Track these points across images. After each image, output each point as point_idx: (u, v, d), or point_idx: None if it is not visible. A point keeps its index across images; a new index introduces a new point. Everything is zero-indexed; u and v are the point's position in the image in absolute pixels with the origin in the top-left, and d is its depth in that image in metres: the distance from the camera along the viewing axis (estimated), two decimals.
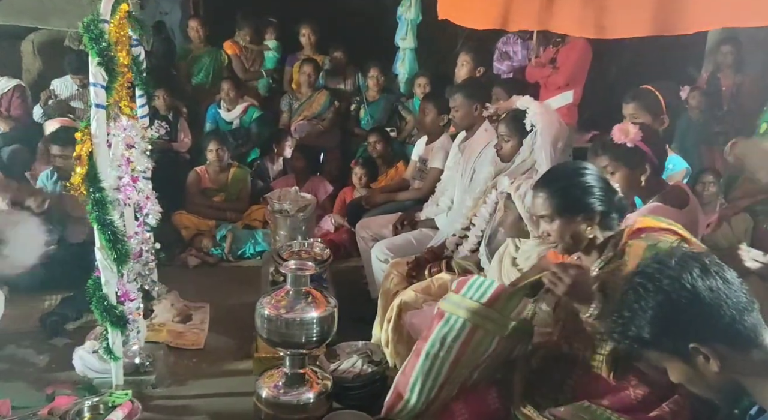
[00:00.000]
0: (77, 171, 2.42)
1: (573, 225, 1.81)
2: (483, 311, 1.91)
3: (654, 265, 1.27)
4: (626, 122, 2.26)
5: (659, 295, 1.22)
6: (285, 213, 3.52)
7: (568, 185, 1.82)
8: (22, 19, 4.86)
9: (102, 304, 2.48)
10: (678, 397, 1.64)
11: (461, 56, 3.94)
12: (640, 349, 1.28)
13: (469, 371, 1.97)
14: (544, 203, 1.84)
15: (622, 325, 1.26)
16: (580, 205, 1.80)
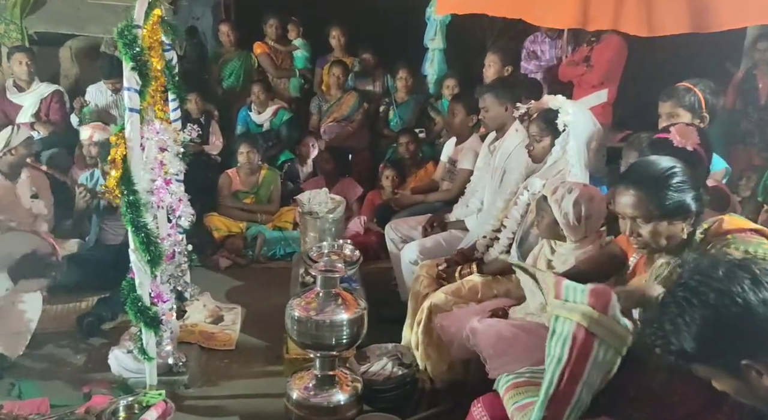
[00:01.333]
0: (112, 174, 2.47)
1: (670, 227, 1.73)
2: (605, 321, 1.64)
3: (697, 277, 1.18)
4: (681, 125, 2.18)
5: (706, 310, 1.14)
6: (315, 215, 3.53)
7: (665, 185, 1.71)
8: (60, 27, 4.99)
9: (136, 305, 2.52)
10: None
11: (489, 56, 3.90)
12: (685, 364, 1.21)
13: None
14: (638, 204, 1.73)
15: (662, 337, 1.20)
16: (681, 207, 1.71)
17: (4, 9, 4.80)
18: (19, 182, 3.83)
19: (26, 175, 3.86)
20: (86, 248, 3.85)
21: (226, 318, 3.46)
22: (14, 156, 3.73)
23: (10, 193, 3.79)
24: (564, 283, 1.74)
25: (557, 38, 4.63)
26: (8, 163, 3.74)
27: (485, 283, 2.74)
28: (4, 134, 3.69)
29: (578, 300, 1.68)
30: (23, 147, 3.74)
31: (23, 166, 3.82)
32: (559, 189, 2.32)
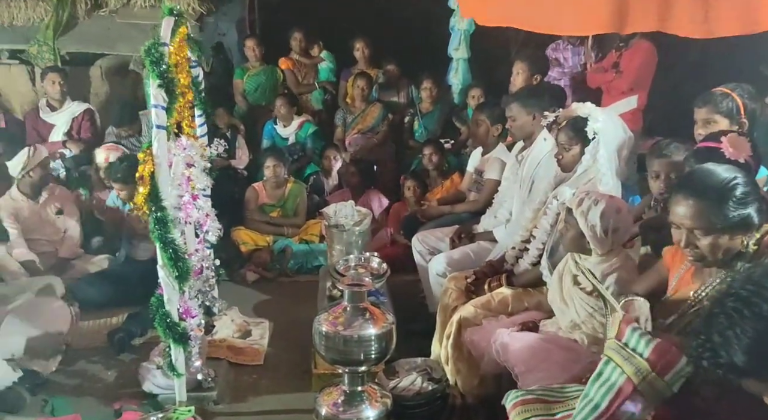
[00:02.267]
0: (140, 191, 2.49)
1: (732, 241, 1.65)
2: (659, 385, 1.54)
3: (749, 287, 1.13)
4: (733, 136, 2.10)
5: (758, 322, 1.09)
6: (341, 227, 3.51)
7: (728, 197, 1.64)
8: (90, 47, 5.11)
9: (165, 322, 2.52)
10: None
11: (516, 64, 3.85)
12: (735, 379, 1.15)
13: None
14: (698, 216, 1.65)
15: (711, 350, 1.14)
16: (745, 220, 1.64)
17: (38, 31, 4.93)
18: (41, 201, 3.91)
19: (47, 193, 3.93)
20: (116, 264, 3.90)
21: (254, 332, 3.45)
22: (33, 177, 3.82)
23: (36, 213, 3.88)
24: (631, 326, 1.63)
25: (580, 45, 4.59)
26: (28, 184, 3.83)
27: (515, 296, 2.68)
28: (21, 157, 3.78)
29: (639, 350, 1.57)
30: (41, 168, 3.83)
31: (44, 185, 3.90)
32: (585, 201, 2.26)
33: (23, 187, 3.86)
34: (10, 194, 3.87)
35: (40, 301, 3.06)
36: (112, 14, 5.08)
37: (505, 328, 2.42)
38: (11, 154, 3.88)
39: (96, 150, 4.46)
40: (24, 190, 3.86)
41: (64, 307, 3.11)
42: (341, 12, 6.05)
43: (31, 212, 3.86)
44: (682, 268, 1.88)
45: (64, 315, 3.08)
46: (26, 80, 5.13)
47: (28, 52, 4.97)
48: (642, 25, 2.78)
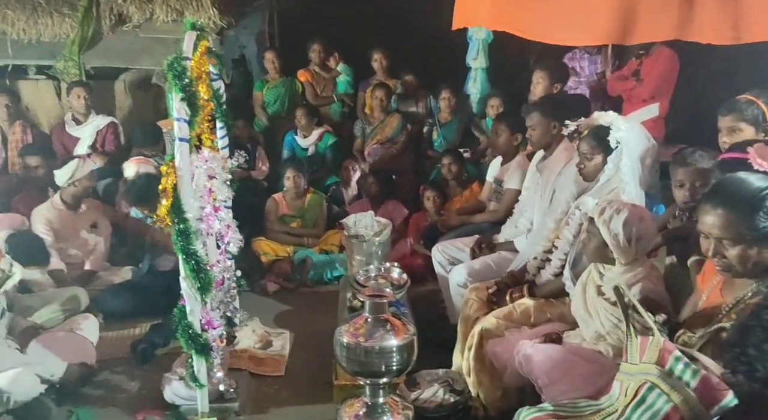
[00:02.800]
0: (163, 203, 2.51)
1: (763, 252, 1.62)
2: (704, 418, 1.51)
3: None
4: (761, 146, 2.06)
5: None
6: (361, 238, 3.51)
7: (759, 207, 1.61)
8: (114, 61, 5.20)
9: (187, 333, 2.54)
10: None
11: (536, 73, 3.84)
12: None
13: None
14: (727, 226, 1.64)
15: (746, 363, 1.11)
16: None
17: (64, 47, 5.03)
18: (79, 212, 3.98)
19: (85, 206, 4.00)
20: (139, 275, 3.94)
21: (275, 343, 3.46)
22: (77, 187, 3.89)
23: (71, 223, 3.94)
24: (674, 353, 1.60)
25: (596, 54, 4.58)
26: (71, 194, 3.90)
27: (538, 307, 2.66)
28: (70, 166, 3.87)
29: (686, 379, 1.54)
30: (87, 179, 3.91)
31: (85, 197, 3.98)
32: (607, 210, 2.23)
33: (66, 196, 3.94)
34: (52, 201, 3.96)
35: (66, 335, 3.10)
36: (135, 29, 5.17)
37: (528, 339, 2.39)
38: (47, 167, 3.99)
39: (125, 163, 4.53)
40: (66, 199, 3.94)
41: (87, 341, 3.15)
42: (359, 23, 6.10)
43: (67, 222, 3.94)
44: (713, 280, 1.85)
45: (88, 350, 3.11)
46: (53, 95, 5.24)
47: (55, 67, 5.08)
48: (652, 35, 2.73)
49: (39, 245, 2.99)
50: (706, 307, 1.83)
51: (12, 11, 4.99)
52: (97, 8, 5.09)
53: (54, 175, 3.96)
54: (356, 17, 6.20)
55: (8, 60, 5.07)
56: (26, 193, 4.31)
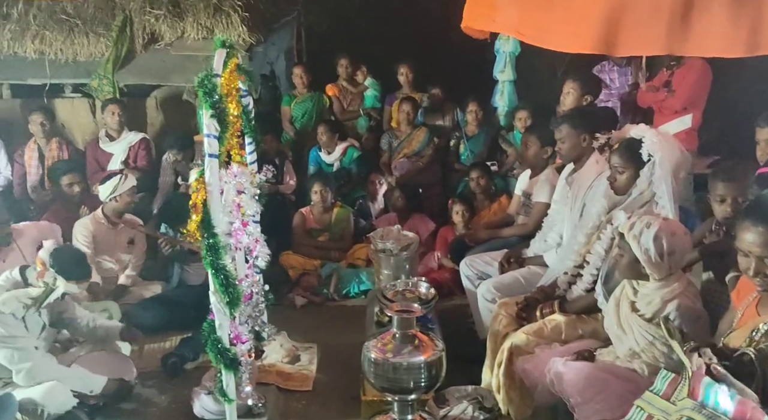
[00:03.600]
0: (193, 218, 2.54)
1: None
2: None
3: None
4: None
5: None
6: (388, 252, 3.50)
7: None
8: (146, 78, 5.31)
9: (216, 347, 2.54)
10: None
11: (566, 84, 3.80)
12: None
13: None
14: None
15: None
16: None
17: (98, 65, 5.17)
18: (118, 228, 4.06)
19: (124, 222, 4.08)
20: (169, 289, 3.99)
21: (303, 358, 3.46)
22: (118, 203, 3.98)
23: (111, 238, 4.02)
24: (704, 382, 1.56)
25: (627, 65, 4.53)
26: (113, 209, 3.99)
27: (569, 323, 2.61)
28: (113, 182, 3.97)
29: (722, 409, 1.50)
30: (128, 195, 3.99)
31: (126, 213, 4.06)
32: (637, 224, 2.19)
33: (107, 210, 4.03)
34: (94, 215, 4.04)
35: (107, 355, 3.16)
36: (167, 47, 5.28)
37: (559, 356, 2.35)
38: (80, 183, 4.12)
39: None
40: (107, 214, 4.03)
41: (128, 359, 3.22)
42: (385, 38, 6.15)
43: (108, 236, 4.02)
44: (749, 297, 1.79)
45: (128, 367, 3.16)
46: (87, 112, 5.36)
47: (90, 85, 5.21)
48: (640, 49, 2.71)
49: (82, 260, 3.06)
50: (741, 327, 1.77)
51: (50, 32, 5.15)
52: (130, 28, 5.22)
53: (87, 191, 4.04)
54: (382, 32, 6.26)
55: (46, 79, 5.22)
56: (57, 208, 4.41)
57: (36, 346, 2.83)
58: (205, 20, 5.18)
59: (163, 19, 5.21)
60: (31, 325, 2.87)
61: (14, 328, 2.77)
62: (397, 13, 6.00)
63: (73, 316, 3.10)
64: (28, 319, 2.85)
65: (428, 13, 5.97)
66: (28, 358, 2.73)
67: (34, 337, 2.89)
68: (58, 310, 3.04)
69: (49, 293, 2.91)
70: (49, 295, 2.92)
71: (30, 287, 2.89)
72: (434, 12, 5.71)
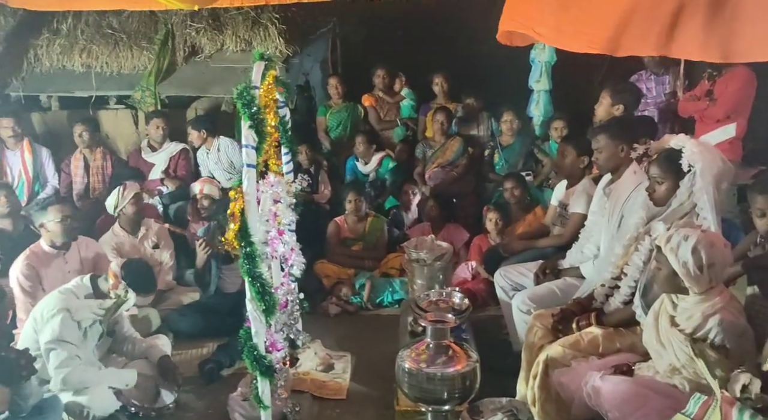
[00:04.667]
0: (231, 227, 2.59)
1: None
2: None
3: None
4: None
5: None
6: (422, 262, 3.50)
7: None
8: (187, 90, 5.45)
9: (252, 354, 2.58)
10: None
11: (604, 93, 3.75)
12: None
13: None
14: None
15: None
16: None
17: (141, 78, 5.33)
18: (139, 236, 4.16)
19: (145, 228, 4.19)
20: (207, 296, 4.06)
21: (337, 366, 3.48)
22: (126, 214, 4.08)
23: (135, 247, 4.12)
24: (736, 407, 1.54)
25: (664, 74, 4.45)
26: (125, 221, 4.10)
27: (607, 336, 2.56)
28: (113, 196, 4.09)
29: None
30: (131, 205, 4.08)
31: (140, 221, 4.16)
32: (674, 237, 2.14)
33: (123, 223, 4.14)
34: (112, 230, 4.15)
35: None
36: (206, 59, 5.42)
37: (597, 370, 2.31)
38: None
39: (192, 183, 4.76)
40: (124, 226, 4.14)
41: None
42: (420, 48, 6.17)
43: (131, 247, 4.12)
44: None
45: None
46: (130, 123, 5.53)
47: (133, 97, 5.38)
48: (637, 49, 2.87)
49: (150, 273, 3.18)
50: None
51: (97, 46, 5.35)
52: (172, 41, 5.38)
53: None
54: (418, 42, 6.28)
55: (92, 91, 5.41)
56: (105, 218, 4.55)
57: (78, 355, 2.89)
58: (244, 33, 5.31)
59: (203, 32, 5.36)
60: (90, 333, 2.96)
61: (71, 334, 2.86)
62: (432, 23, 6.02)
63: (122, 327, 3.19)
64: (89, 327, 2.94)
65: (464, 23, 5.96)
66: (69, 364, 2.81)
67: (92, 344, 2.98)
68: (115, 320, 3.13)
69: (120, 305, 3.01)
70: (120, 306, 3.01)
71: (101, 297, 2.98)
72: (470, 22, 5.71)
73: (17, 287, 3.41)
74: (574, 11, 3.02)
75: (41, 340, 2.84)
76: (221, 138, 5.14)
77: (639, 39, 2.79)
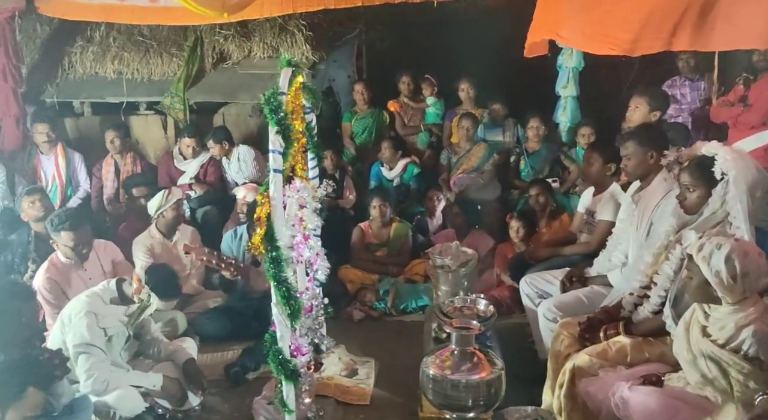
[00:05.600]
0: (257, 232, 2.61)
1: None
2: None
3: None
4: None
5: None
6: (447, 268, 3.49)
7: None
8: (215, 96, 5.55)
9: (277, 358, 2.59)
10: None
11: (634, 100, 3.71)
12: None
13: None
14: None
15: None
16: None
17: (171, 84, 5.43)
18: (174, 240, 4.22)
19: (180, 233, 4.25)
20: (232, 300, 4.10)
21: (361, 371, 3.48)
22: (166, 218, 4.14)
23: (169, 250, 4.18)
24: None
25: (699, 80, 4.37)
26: (163, 224, 4.16)
27: (635, 346, 2.52)
28: (157, 198, 4.14)
29: None
30: (172, 209, 4.15)
31: (177, 225, 4.22)
32: (706, 245, 2.10)
33: (160, 226, 4.20)
34: (149, 231, 4.23)
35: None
36: (234, 66, 5.50)
37: (625, 380, 2.28)
38: (150, 197, 4.30)
39: (237, 188, 4.86)
40: (161, 229, 4.21)
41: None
42: (446, 54, 6.17)
43: (165, 250, 4.19)
44: None
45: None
46: (159, 129, 5.64)
47: (162, 103, 5.48)
48: (653, 47, 3.00)
49: (173, 278, 3.22)
50: None
51: (128, 53, 5.47)
52: (201, 48, 5.47)
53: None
54: (443, 48, 6.29)
55: (123, 97, 5.53)
56: (131, 221, 4.63)
57: (106, 358, 2.93)
58: (271, 40, 5.37)
59: (231, 39, 5.44)
60: (116, 339, 3.01)
61: (99, 339, 2.91)
62: (458, 29, 6.02)
63: (149, 331, 3.24)
64: (114, 331, 2.99)
65: (490, 30, 5.95)
66: (97, 367, 2.86)
67: (118, 347, 3.03)
68: (141, 324, 3.18)
69: (143, 309, 3.05)
70: (143, 311, 3.06)
71: (125, 301, 3.04)
72: (496, 28, 5.71)
73: (41, 297, 3.47)
74: (597, 14, 3.11)
75: (69, 343, 2.89)
76: (240, 146, 5.20)
77: (652, 38, 2.92)
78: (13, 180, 5.02)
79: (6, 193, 4.82)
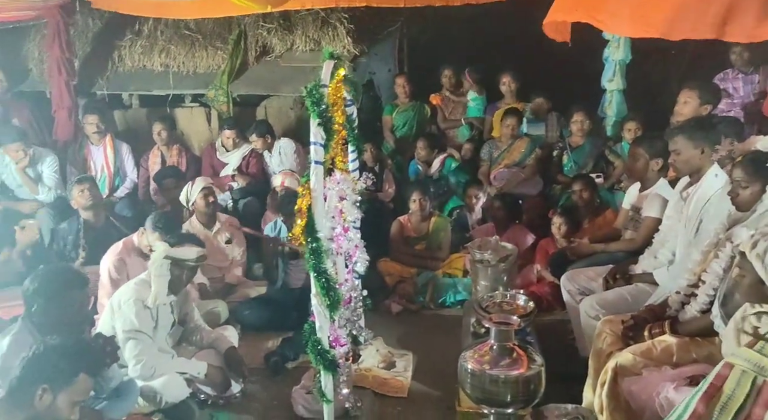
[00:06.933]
0: (298, 223, 2.64)
1: None
2: None
3: None
4: None
5: None
6: (486, 263, 3.47)
7: None
8: (258, 89, 5.62)
9: (316, 348, 2.62)
10: None
11: (684, 93, 3.58)
12: None
13: None
14: None
15: None
16: None
17: (215, 77, 5.53)
18: (214, 230, 4.31)
19: (220, 223, 4.33)
20: (273, 290, 4.16)
21: (398, 364, 3.49)
22: (199, 208, 4.24)
23: (209, 240, 4.27)
24: None
25: (753, 73, 4.21)
26: (201, 214, 4.24)
27: (681, 345, 2.45)
28: (184, 191, 4.25)
29: None
30: (201, 198, 4.23)
31: (214, 214, 4.30)
32: (761, 243, 2.02)
33: (199, 216, 4.30)
34: (190, 222, 4.33)
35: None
36: (277, 59, 5.56)
37: (670, 380, 2.22)
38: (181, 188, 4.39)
39: (273, 176, 4.88)
40: (200, 220, 4.30)
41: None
42: (489, 47, 6.09)
43: (206, 240, 4.26)
44: None
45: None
46: (204, 121, 5.75)
47: (206, 95, 5.59)
48: (692, 33, 2.84)
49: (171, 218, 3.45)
50: None
51: (174, 46, 5.59)
52: (244, 41, 5.55)
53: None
54: (485, 41, 6.21)
55: (169, 90, 5.66)
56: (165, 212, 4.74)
57: (153, 344, 3.01)
58: (313, 33, 5.41)
59: (274, 32, 5.50)
60: (162, 322, 3.09)
61: (146, 324, 3.00)
62: (500, 22, 5.94)
63: (193, 318, 3.31)
64: (160, 316, 3.08)
65: (533, 22, 5.86)
66: (146, 352, 2.95)
67: (164, 332, 3.12)
68: (185, 311, 3.26)
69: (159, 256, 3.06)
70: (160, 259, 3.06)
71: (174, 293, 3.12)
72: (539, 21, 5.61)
73: (106, 278, 3.59)
74: None
75: (118, 328, 2.99)
76: (281, 139, 5.26)
77: (694, 22, 2.77)
78: (65, 170, 5.20)
79: (59, 183, 4.98)
